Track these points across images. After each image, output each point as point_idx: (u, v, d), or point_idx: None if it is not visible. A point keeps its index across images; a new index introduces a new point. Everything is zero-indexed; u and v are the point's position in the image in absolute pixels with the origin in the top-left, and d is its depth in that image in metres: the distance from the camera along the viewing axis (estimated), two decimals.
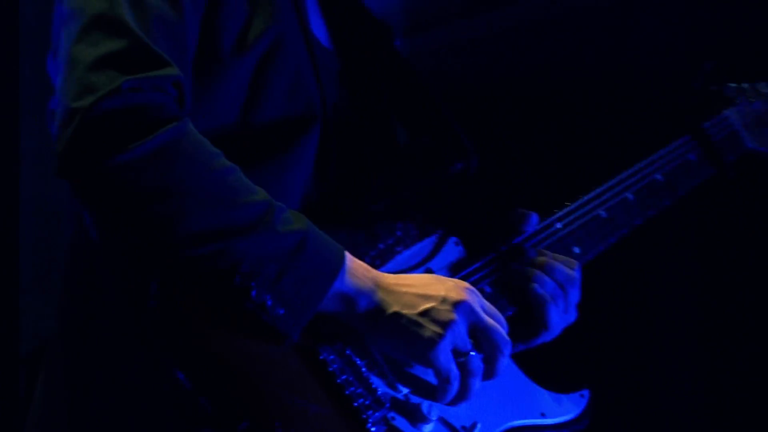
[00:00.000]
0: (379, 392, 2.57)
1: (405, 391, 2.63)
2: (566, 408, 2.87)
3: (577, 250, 3.03)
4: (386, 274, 2.63)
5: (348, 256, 2.55)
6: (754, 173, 3.52)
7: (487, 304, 2.68)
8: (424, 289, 2.61)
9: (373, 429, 2.53)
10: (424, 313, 2.58)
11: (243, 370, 2.45)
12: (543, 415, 2.82)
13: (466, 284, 2.67)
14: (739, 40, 4.54)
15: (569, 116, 4.84)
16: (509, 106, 4.88)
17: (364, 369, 2.59)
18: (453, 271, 2.86)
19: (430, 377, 2.66)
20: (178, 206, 2.36)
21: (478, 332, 2.64)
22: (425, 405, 2.61)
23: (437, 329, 2.57)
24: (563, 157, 4.80)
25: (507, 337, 2.67)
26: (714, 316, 4.95)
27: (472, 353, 2.60)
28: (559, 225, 3.03)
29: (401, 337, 2.58)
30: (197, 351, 2.41)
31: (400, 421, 2.58)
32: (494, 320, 2.67)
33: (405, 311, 2.58)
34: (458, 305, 2.60)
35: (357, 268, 2.57)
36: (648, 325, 5.07)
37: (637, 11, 4.86)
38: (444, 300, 2.60)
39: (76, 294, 2.64)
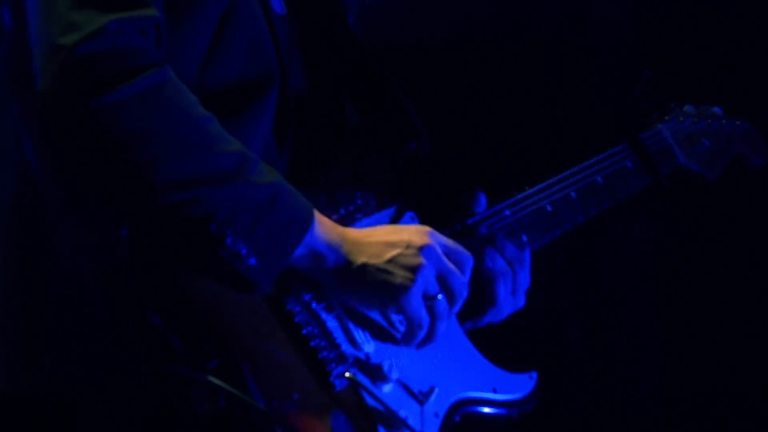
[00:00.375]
0: (342, 348, 2.57)
1: (367, 350, 2.63)
2: (516, 386, 2.90)
3: (524, 238, 3.08)
4: (350, 229, 2.65)
5: (316, 211, 2.56)
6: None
7: (448, 243, 2.70)
8: (387, 237, 2.63)
9: (336, 382, 2.52)
10: (391, 261, 2.60)
11: (214, 313, 2.44)
12: (495, 391, 2.85)
13: (426, 228, 2.70)
14: (678, 52, 4.70)
15: (516, 97, 4.92)
16: (456, 73, 4.92)
17: (328, 324, 2.59)
18: None
19: (392, 329, 2.68)
20: (158, 151, 2.36)
21: (441, 275, 2.66)
22: (386, 365, 2.61)
23: (408, 275, 2.59)
24: (510, 141, 4.87)
25: (465, 280, 2.69)
26: (672, 309, 5.05)
27: (439, 296, 2.62)
28: (507, 212, 3.08)
29: (371, 287, 2.59)
30: (170, 292, 2.40)
31: (361, 378, 2.57)
32: (458, 257, 2.69)
33: (372, 261, 2.59)
34: (423, 249, 2.62)
35: (324, 222, 2.58)
36: (603, 317, 5.14)
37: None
38: (408, 245, 2.62)
39: (25, 246, 2.60)
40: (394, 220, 2.89)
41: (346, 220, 2.77)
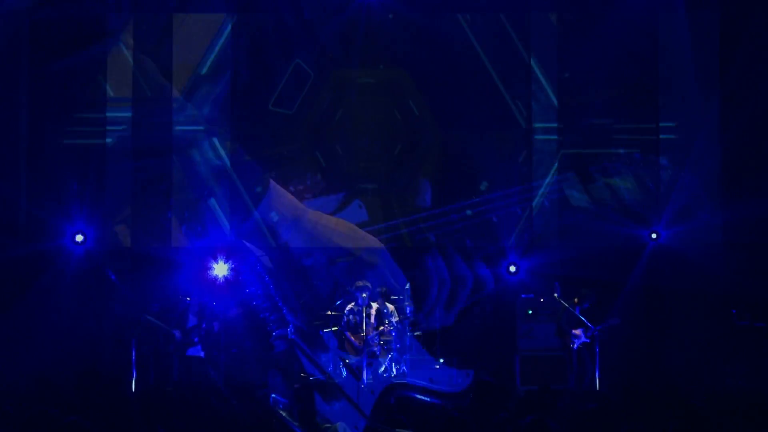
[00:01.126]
0: (284, 312, 2.59)
1: (305, 319, 2.66)
2: (452, 381, 2.94)
3: (469, 243, 3.15)
4: (309, 210, 2.69)
5: (275, 184, 2.60)
6: None
7: (393, 267, 2.77)
8: (344, 240, 2.69)
9: (275, 344, 2.54)
10: (338, 266, 2.65)
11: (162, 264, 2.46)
12: (431, 381, 2.89)
13: (380, 245, 2.76)
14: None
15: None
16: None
17: (271, 287, 2.61)
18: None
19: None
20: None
21: (384, 291, 2.73)
22: (326, 337, 2.64)
23: (348, 288, 2.65)
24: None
25: (406, 303, 2.77)
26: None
27: (385, 310, 2.68)
28: (469, 212, 3.16)
29: (311, 283, 2.63)
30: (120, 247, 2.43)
31: (301, 344, 2.59)
32: (401, 279, 2.77)
33: (321, 261, 2.64)
34: (372, 268, 2.68)
35: (283, 194, 2.61)
36: None
37: None
38: (359, 260, 2.69)
39: None
40: (343, 205, 2.94)
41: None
